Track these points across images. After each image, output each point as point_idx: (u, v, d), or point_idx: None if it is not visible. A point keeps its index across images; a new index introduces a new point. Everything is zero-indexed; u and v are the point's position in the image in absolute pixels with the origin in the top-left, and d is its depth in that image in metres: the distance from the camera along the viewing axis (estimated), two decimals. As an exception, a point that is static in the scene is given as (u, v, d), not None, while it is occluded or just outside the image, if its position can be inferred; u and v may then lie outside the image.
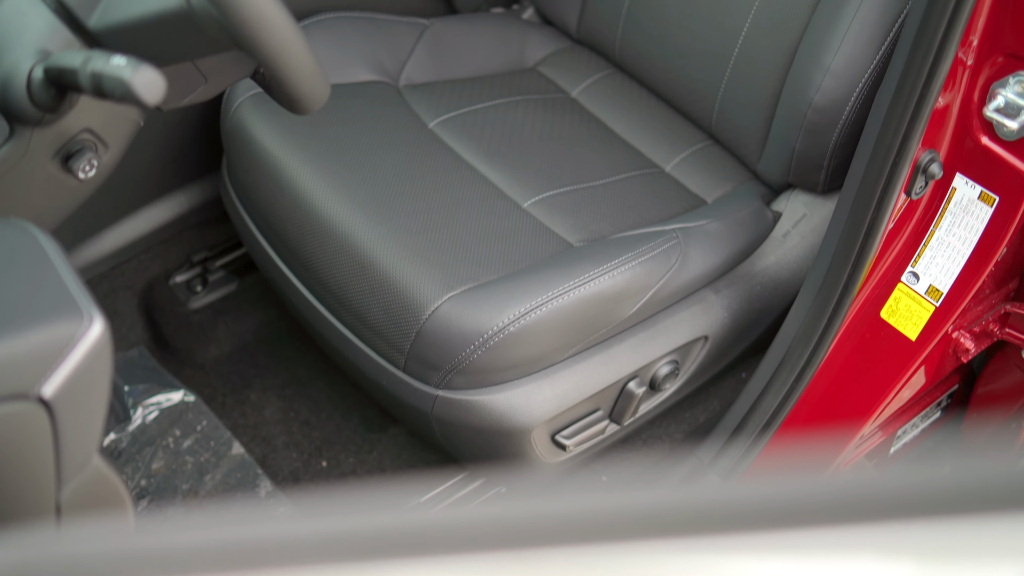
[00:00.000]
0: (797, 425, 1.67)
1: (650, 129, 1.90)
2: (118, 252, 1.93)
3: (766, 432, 1.67)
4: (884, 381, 1.63)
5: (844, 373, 1.64)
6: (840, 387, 1.65)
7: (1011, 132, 1.41)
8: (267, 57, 1.11)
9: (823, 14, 1.64)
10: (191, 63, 1.26)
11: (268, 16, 1.08)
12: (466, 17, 2.02)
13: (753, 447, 1.69)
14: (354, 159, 1.68)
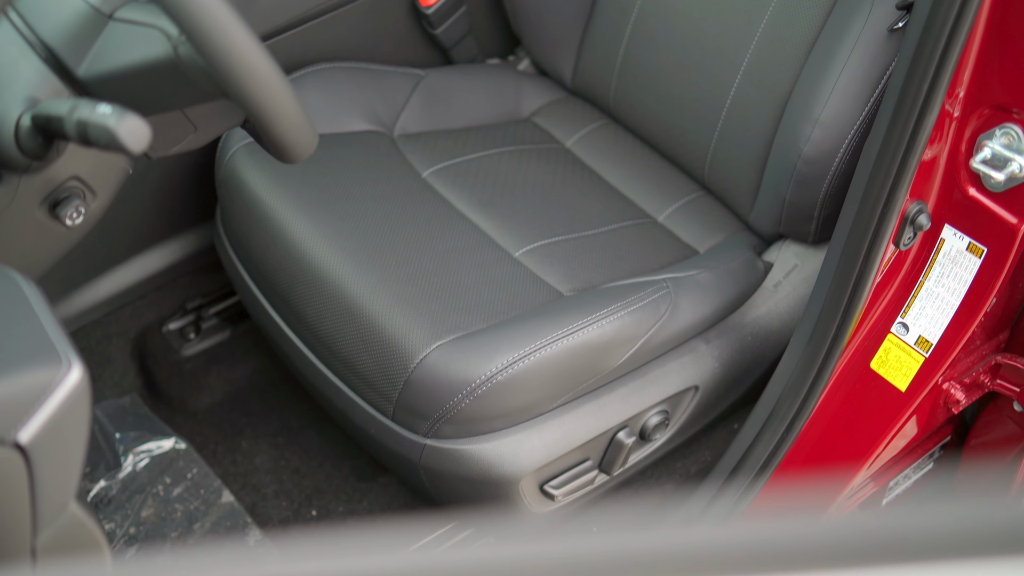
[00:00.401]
0: (788, 475, 1.67)
1: (643, 179, 1.91)
2: (112, 299, 1.94)
3: (757, 482, 1.66)
4: (875, 432, 1.62)
5: (834, 424, 1.64)
6: (830, 438, 1.65)
7: (998, 184, 1.41)
8: (253, 106, 1.12)
9: (813, 67, 1.65)
10: (180, 112, 1.27)
11: (254, 65, 1.09)
12: (462, 68, 2.04)
13: (744, 497, 1.68)
14: (346, 208, 1.68)
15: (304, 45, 1.87)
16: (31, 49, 1.18)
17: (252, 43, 1.08)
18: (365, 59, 1.94)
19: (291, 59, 1.87)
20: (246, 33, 1.08)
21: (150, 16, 1.15)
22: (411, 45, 2.01)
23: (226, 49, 1.07)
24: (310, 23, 1.86)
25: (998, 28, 1.33)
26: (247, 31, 1.08)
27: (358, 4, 1.89)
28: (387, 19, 1.95)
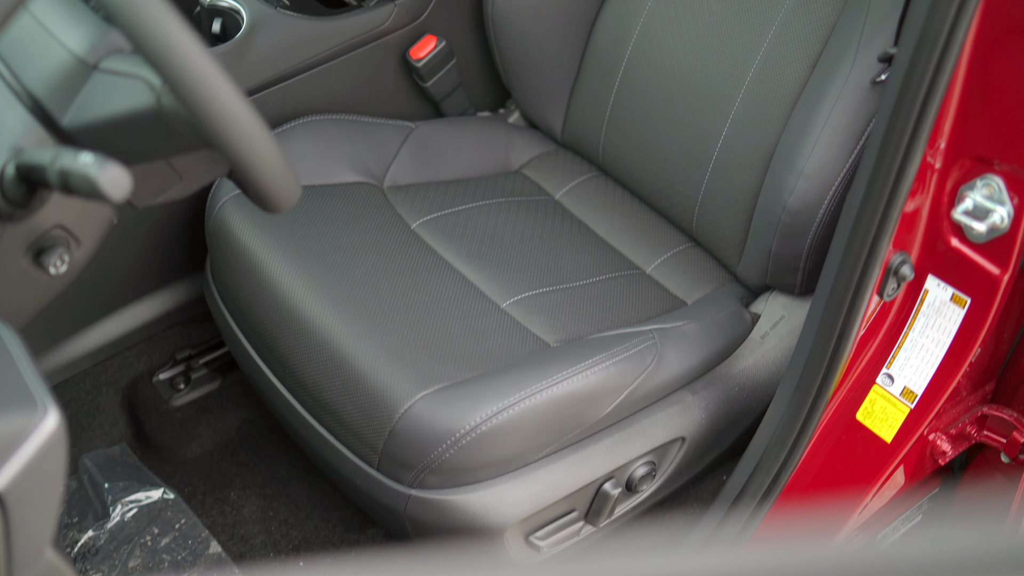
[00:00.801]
0: (774, 528, 1.66)
1: (632, 231, 1.92)
2: (102, 349, 1.95)
3: (744, 533, 1.66)
4: (862, 483, 1.62)
5: (821, 475, 1.63)
6: (818, 489, 1.64)
7: (980, 235, 1.42)
8: (234, 156, 1.13)
9: (798, 119, 1.66)
10: (165, 161, 1.28)
11: (235, 116, 1.10)
12: (452, 120, 2.05)
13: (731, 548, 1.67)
14: (334, 259, 1.69)
15: (295, 98, 1.89)
16: (16, 99, 1.19)
17: (233, 93, 1.10)
18: (356, 111, 1.96)
19: (282, 111, 1.88)
20: (227, 83, 1.09)
21: (134, 67, 1.16)
22: (402, 98, 2.03)
23: (207, 99, 1.08)
24: (301, 76, 1.88)
25: (977, 80, 1.35)
26: (229, 81, 1.09)
27: (349, 57, 1.91)
28: (378, 72, 1.97)
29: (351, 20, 1.90)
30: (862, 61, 1.57)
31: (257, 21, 1.82)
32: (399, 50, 1.97)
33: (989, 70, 1.34)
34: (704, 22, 1.81)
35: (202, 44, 1.08)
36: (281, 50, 1.84)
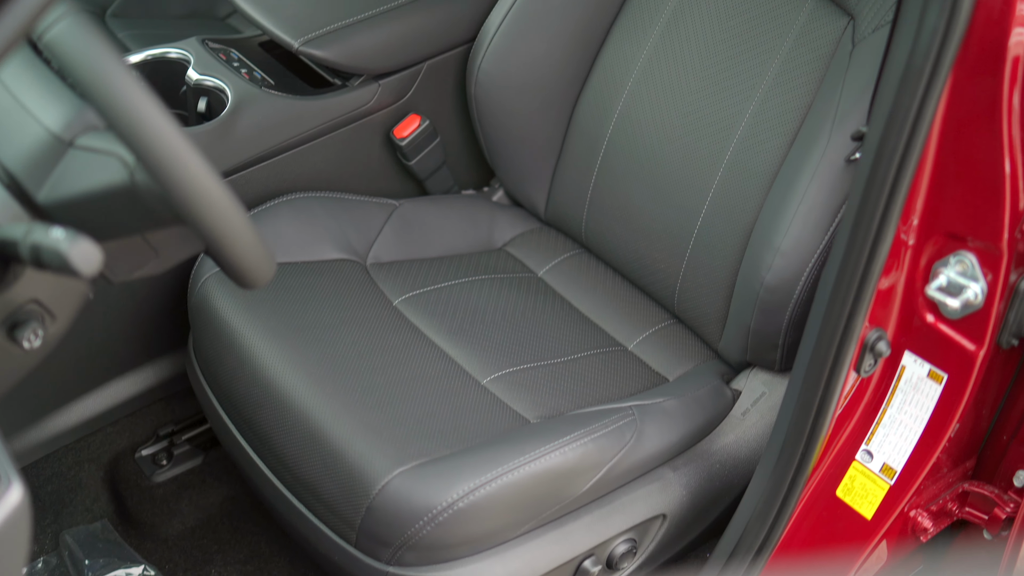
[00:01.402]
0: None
1: (614, 308, 1.93)
2: (85, 424, 1.94)
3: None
4: (843, 561, 1.61)
5: (803, 552, 1.62)
6: (799, 566, 1.63)
7: (954, 311, 1.42)
8: (206, 232, 1.14)
9: (775, 196, 1.68)
10: (140, 237, 1.29)
11: (205, 191, 1.11)
12: (436, 198, 2.07)
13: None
14: (315, 335, 1.70)
15: (280, 175, 1.91)
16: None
17: (204, 169, 1.11)
18: (340, 189, 1.98)
19: (266, 189, 1.90)
20: (198, 160, 1.10)
21: (108, 144, 1.17)
22: (386, 176, 2.05)
23: (178, 176, 1.09)
24: (286, 154, 1.89)
25: (948, 158, 1.36)
26: (200, 157, 1.11)
27: (333, 136, 1.93)
28: (362, 150, 1.99)
29: (336, 99, 1.92)
30: (836, 139, 1.59)
31: (242, 100, 1.84)
32: (383, 129, 1.99)
33: (959, 148, 1.35)
34: (684, 101, 1.83)
35: (173, 120, 1.10)
36: (266, 129, 1.86)
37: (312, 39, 1.87)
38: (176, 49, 1.93)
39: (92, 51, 1.07)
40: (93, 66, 1.06)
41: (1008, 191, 1.35)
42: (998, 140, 1.32)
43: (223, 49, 1.96)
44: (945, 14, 1.25)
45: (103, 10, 2.48)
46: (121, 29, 2.41)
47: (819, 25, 1.71)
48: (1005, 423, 1.63)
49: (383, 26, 1.94)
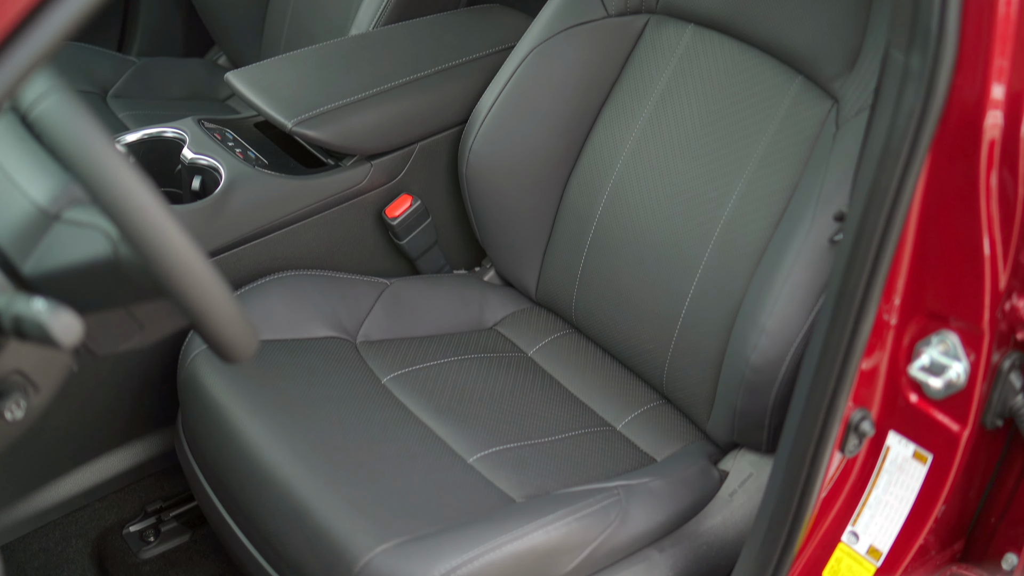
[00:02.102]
0: None
1: (603, 388, 1.93)
2: (73, 499, 1.94)
3: None
4: (830, 645, 1.59)
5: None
6: (786, 651, 1.61)
7: (937, 391, 1.42)
8: (187, 306, 1.15)
9: (760, 276, 1.69)
10: (125, 310, 1.30)
11: (187, 266, 1.12)
12: (427, 278, 2.08)
13: None
14: (301, 411, 1.70)
15: (272, 254, 1.92)
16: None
17: (185, 243, 1.12)
18: (332, 267, 1.99)
19: (258, 267, 1.91)
20: (180, 233, 1.12)
21: (93, 217, 1.19)
22: (378, 255, 2.06)
23: (158, 249, 1.10)
24: (278, 232, 1.91)
25: (929, 238, 1.37)
26: (181, 231, 1.12)
27: (326, 215, 1.95)
28: (354, 229, 2.00)
29: (328, 179, 1.94)
30: (820, 220, 1.60)
31: (235, 179, 1.86)
32: (375, 208, 2.01)
33: (939, 229, 1.36)
34: (672, 182, 1.85)
35: (156, 195, 1.11)
36: (258, 207, 1.88)
37: (305, 120, 1.90)
38: (172, 129, 1.96)
39: (75, 126, 1.09)
40: (75, 140, 1.08)
41: (988, 272, 1.36)
42: (976, 221, 1.34)
43: (218, 129, 1.99)
44: (921, 96, 1.27)
45: (105, 91, 2.52)
46: (122, 109, 2.45)
47: (804, 108, 1.74)
48: (993, 505, 1.62)
49: (376, 108, 1.97)
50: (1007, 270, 1.37)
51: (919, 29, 1.26)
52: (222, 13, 2.61)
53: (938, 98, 1.27)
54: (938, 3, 1.24)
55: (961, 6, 1.24)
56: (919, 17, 1.25)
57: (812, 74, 1.74)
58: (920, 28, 1.26)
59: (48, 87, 1.12)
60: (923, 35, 1.26)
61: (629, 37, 1.94)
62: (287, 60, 2.08)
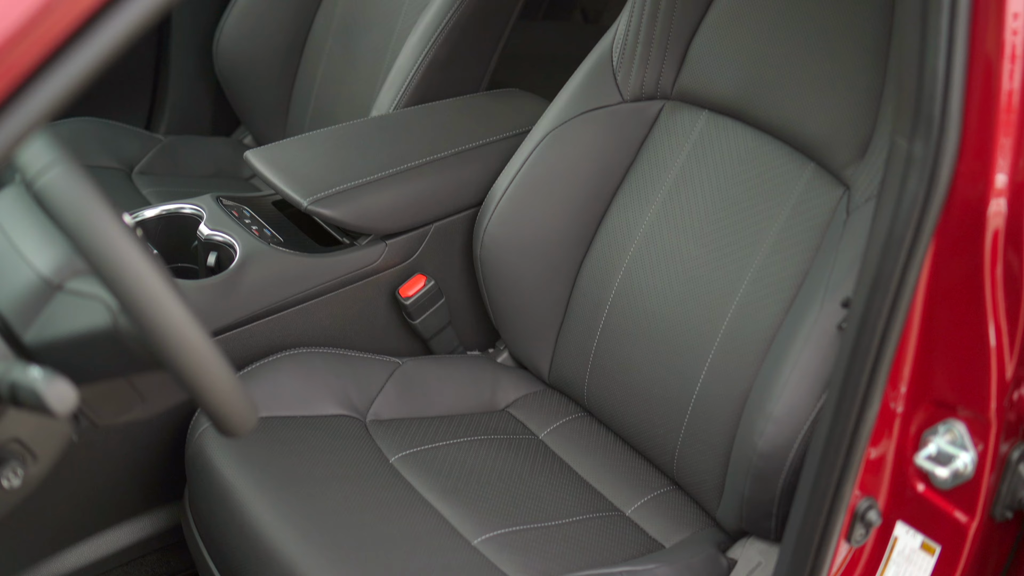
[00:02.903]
0: None
1: (613, 472, 1.92)
2: (77, 573, 1.93)
3: None
4: None
5: None
6: None
7: (944, 481, 1.40)
8: (184, 378, 1.16)
9: (770, 362, 1.68)
10: (127, 381, 1.31)
11: (184, 338, 1.13)
12: (440, 358, 2.08)
13: None
14: (307, 489, 1.70)
15: (284, 330, 1.93)
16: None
17: (184, 315, 1.13)
18: (345, 346, 2.00)
19: (271, 344, 1.92)
20: (178, 305, 1.12)
21: (94, 287, 1.20)
22: (391, 334, 2.07)
23: (155, 320, 1.11)
24: (291, 309, 1.92)
25: (935, 326, 1.36)
26: (180, 304, 1.13)
27: (339, 293, 1.96)
28: (367, 308, 2.01)
29: (343, 257, 1.95)
30: (828, 306, 1.59)
31: (249, 255, 1.88)
32: (389, 288, 2.02)
33: (944, 317, 1.35)
34: (684, 267, 1.85)
35: (156, 266, 1.12)
36: (272, 284, 1.89)
37: (321, 198, 1.92)
38: (190, 205, 1.99)
39: (76, 198, 1.10)
40: (75, 211, 1.10)
41: (994, 361, 1.34)
42: (982, 309, 1.33)
43: (236, 206, 2.01)
44: (924, 183, 1.27)
45: (131, 168, 2.56)
46: (146, 186, 2.49)
47: (816, 194, 1.74)
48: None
49: (392, 188, 1.99)
50: (1014, 359, 1.35)
51: (922, 116, 1.26)
52: (248, 93, 2.65)
53: (941, 185, 1.27)
54: (941, 90, 1.24)
55: (963, 94, 1.24)
56: (922, 104, 1.26)
57: (824, 161, 1.74)
58: (923, 115, 1.26)
59: (53, 159, 1.14)
60: (926, 122, 1.26)
61: (644, 122, 1.95)
62: (306, 140, 2.10)
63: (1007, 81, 1.25)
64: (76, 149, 2.51)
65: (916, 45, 1.26)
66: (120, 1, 0.86)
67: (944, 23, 1.23)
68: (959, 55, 1.23)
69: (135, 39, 0.88)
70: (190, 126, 2.83)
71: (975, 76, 1.24)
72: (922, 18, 1.24)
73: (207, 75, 2.76)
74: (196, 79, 2.79)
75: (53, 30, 0.86)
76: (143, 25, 0.87)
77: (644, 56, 1.92)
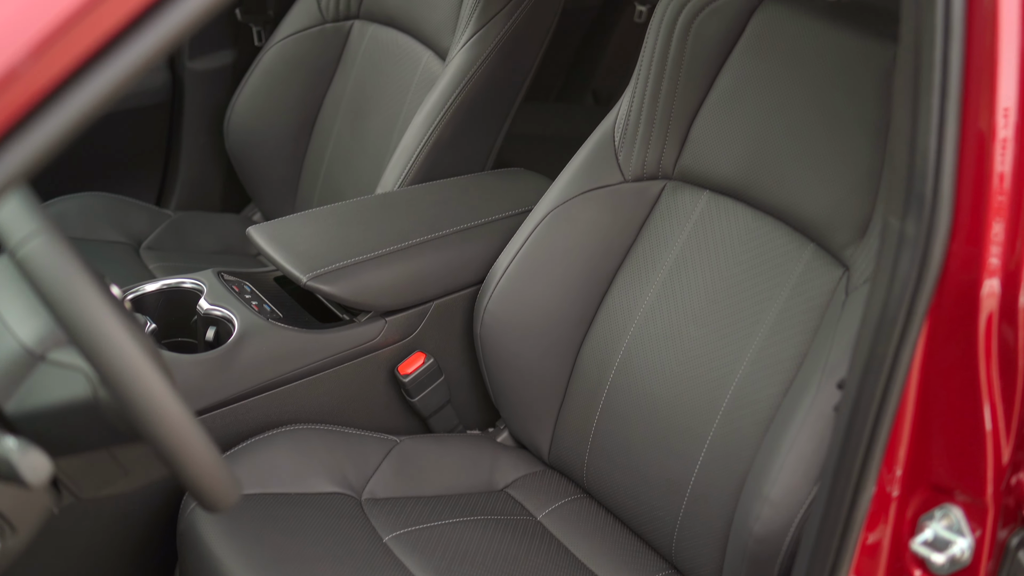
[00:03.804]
0: None
1: (612, 555, 1.88)
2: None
3: None
4: None
5: None
6: None
7: (941, 567, 1.37)
8: (162, 451, 1.15)
9: (767, 445, 1.65)
10: (108, 453, 1.30)
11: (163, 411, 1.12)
12: (439, 437, 2.06)
13: None
14: (295, 568, 1.67)
15: (282, 406, 1.92)
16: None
17: (161, 386, 1.12)
18: (343, 423, 1.98)
19: (267, 419, 1.90)
20: (156, 376, 1.12)
21: (77, 358, 1.20)
22: (390, 412, 2.05)
23: (133, 392, 1.10)
24: (288, 386, 1.91)
25: (929, 408, 1.34)
26: (158, 374, 1.12)
27: (337, 370, 1.95)
28: (366, 385, 2.00)
29: (341, 334, 1.95)
30: (825, 388, 1.57)
31: (247, 330, 1.87)
32: (388, 365, 2.01)
33: (939, 399, 1.33)
34: (684, 348, 1.84)
35: (135, 337, 1.12)
36: (269, 359, 1.88)
37: (320, 274, 1.92)
38: (191, 280, 1.99)
39: (56, 267, 1.10)
40: (54, 281, 1.09)
41: (990, 444, 1.32)
42: (977, 392, 1.30)
43: (237, 282, 2.01)
44: (917, 263, 1.26)
45: (139, 243, 2.57)
46: (153, 261, 2.50)
47: (815, 275, 1.73)
48: None
49: (393, 265, 1.98)
50: (1010, 443, 1.33)
51: (913, 195, 1.25)
52: (258, 171, 2.67)
53: (933, 265, 1.25)
54: (932, 169, 1.23)
55: (955, 173, 1.23)
56: (913, 183, 1.25)
57: (824, 242, 1.73)
58: (915, 194, 1.25)
59: (35, 228, 1.13)
60: (918, 201, 1.25)
61: (646, 202, 1.95)
62: (309, 216, 2.11)
63: (999, 162, 1.24)
64: (85, 223, 2.53)
65: (908, 123, 1.25)
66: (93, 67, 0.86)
67: (936, 102, 1.22)
68: (950, 134, 1.22)
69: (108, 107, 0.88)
70: (201, 202, 2.85)
71: (967, 155, 1.23)
72: (914, 96, 1.24)
73: (218, 152, 2.79)
74: (207, 156, 2.82)
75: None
76: (116, 93, 0.87)
77: (646, 136, 1.92)
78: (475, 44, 2.24)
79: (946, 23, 1.20)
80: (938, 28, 1.20)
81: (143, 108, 2.73)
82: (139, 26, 0.88)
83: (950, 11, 1.20)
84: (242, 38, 2.79)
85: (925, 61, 1.22)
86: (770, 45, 1.81)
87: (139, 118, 2.74)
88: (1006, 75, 1.21)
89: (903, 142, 1.26)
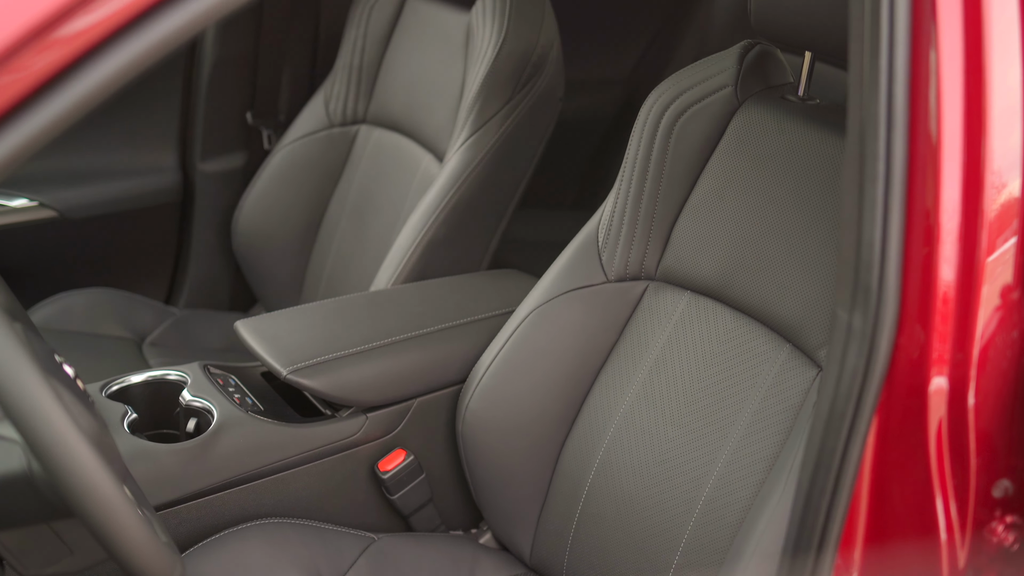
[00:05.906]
0: None
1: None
2: None
3: None
4: None
5: None
6: None
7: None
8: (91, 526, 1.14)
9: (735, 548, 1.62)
10: (50, 529, 1.29)
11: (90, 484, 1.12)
12: (418, 536, 2.04)
13: None
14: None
15: (258, 500, 1.90)
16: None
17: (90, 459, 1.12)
18: (320, 518, 1.96)
19: (243, 512, 1.89)
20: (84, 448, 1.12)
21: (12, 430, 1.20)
22: (370, 509, 2.03)
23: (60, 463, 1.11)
24: (266, 479, 1.90)
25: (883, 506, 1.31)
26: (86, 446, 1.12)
27: (316, 464, 1.94)
28: (346, 481, 1.98)
29: (321, 429, 1.94)
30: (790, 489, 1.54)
31: (225, 422, 1.87)
32: (369, 461, 2.00)
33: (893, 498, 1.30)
34: (661, 448, 1.82)
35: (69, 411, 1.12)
36: (247, 452, 1.87)
37: (301, 368, 1.92)
38: (176, 372, 2.00)
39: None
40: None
41: (945, 545, 1.29)
42: (930, 494, 1.27)
43: (222, 375, 2.02)
44: (864, 355, 1.24)
45: (141, 338, 2.59)
46: (154, 356, 2.52)
47: (790, 376, 1.71)
48: None
49: (375, 361, 1.98)
50: (965, 548, 1.29)
51: (860, 287, 1.24)
52: (264, 270, 2.70)
53: (880, 358, 1.24)
54: (878, 260, 1.22)
55: (901, 264, 1.22)
56: (859, 275, 1.24)
57: (799, 342, 1.72)
58: (861, 286, 1.24)
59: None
60: (864, 293, 1.24)
61: (628, 303, 1.95)
62: (296, 312, 2.12)
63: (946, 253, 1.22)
64: (90, 317, 2.57)
65: (854, 214, 1.25)
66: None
67: (880, 192, 1.22)
68: (895, 225, 1.21)
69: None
70: (209, 301, 2.88)
71: (912, 247, 1.22)
72: (859, 187, 1.23)
73: (227, 252, 2.83)
74: (216, 256, 2.86)
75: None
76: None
77: (629, 237, 1.93)
78: (471, 146, 2.26)
79: (889, 113, 1.20)
80: (881, 118, 1.20)
81: (155, 207, 2.79)
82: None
83: (892, 101, 1.20)
84: (253, 141, 2.85)
85: (869, 152, 1.22)
86: (750, 145, 1.82)
87: (150, 217, 2.79)
88: (950, 164, 1.21)
89: (850, 233, 1.25)
